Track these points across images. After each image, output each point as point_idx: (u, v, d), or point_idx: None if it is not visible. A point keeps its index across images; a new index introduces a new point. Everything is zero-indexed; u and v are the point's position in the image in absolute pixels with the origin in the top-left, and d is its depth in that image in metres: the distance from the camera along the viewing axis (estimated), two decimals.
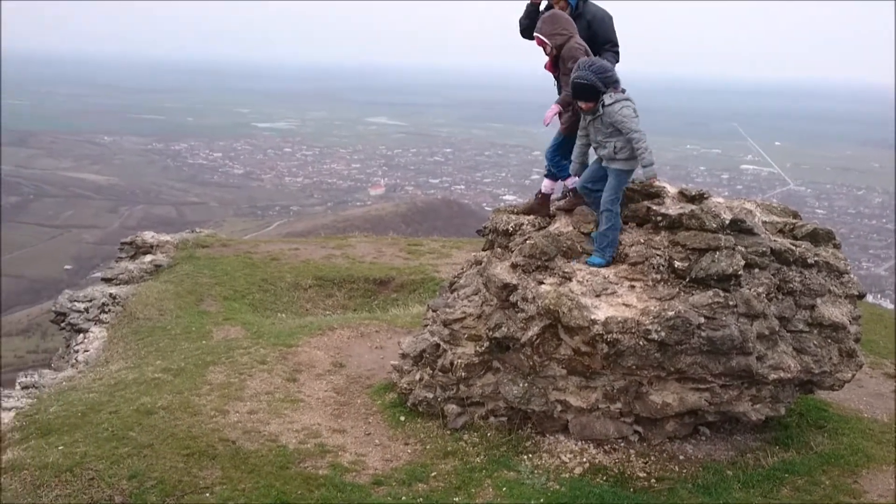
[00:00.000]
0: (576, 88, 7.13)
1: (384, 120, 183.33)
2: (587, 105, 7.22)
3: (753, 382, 7.21)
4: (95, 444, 7.27)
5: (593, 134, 7.39)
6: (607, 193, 7.36)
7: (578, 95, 7.19)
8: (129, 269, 14.41)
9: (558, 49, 7.65)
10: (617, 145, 7.22)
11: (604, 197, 7.36)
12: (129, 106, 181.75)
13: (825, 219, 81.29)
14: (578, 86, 7.10)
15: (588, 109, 7.26)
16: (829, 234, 7.95)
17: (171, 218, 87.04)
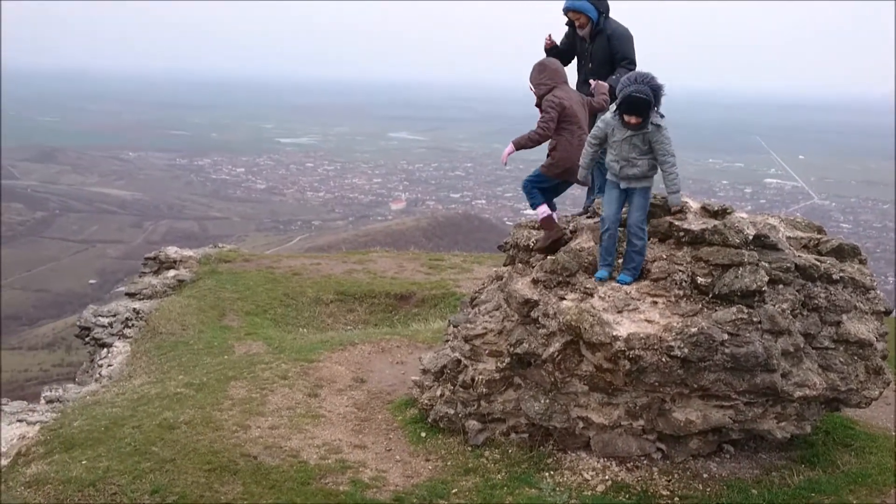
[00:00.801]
0: (632, 102, 6.80)
1: (406, 135, 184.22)
2: (637, 120, 6.93)
3: (778, 400, 7.12)
4: (118, 459, 7.32)
5: (623, 150, 7.08)
6: (639, 213, 7.22)
7: (631, 109, 6.86)
8: (152, 283, 14.54)
9: (539, 98, 7.77)
10: (646, 165, 7.12)
11: (636, 217, 7.21)
12: (155, 121, 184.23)
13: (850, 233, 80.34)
14: (636, 99, 6.78)
15: (636, 125, 6.96)
16: (855, 249, 7.85)
17: (194, 233, 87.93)
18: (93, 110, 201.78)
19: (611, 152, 7.17)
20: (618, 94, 6.90)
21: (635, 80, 6.81)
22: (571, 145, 7.64)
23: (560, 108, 7.59)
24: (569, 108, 7.62)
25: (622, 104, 6.86)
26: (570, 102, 7.66)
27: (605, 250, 7.37)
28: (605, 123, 7.13)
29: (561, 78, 7.79)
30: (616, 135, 7.07)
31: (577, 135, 7.65)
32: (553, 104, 7.58)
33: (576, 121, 7.68)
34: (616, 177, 7.21)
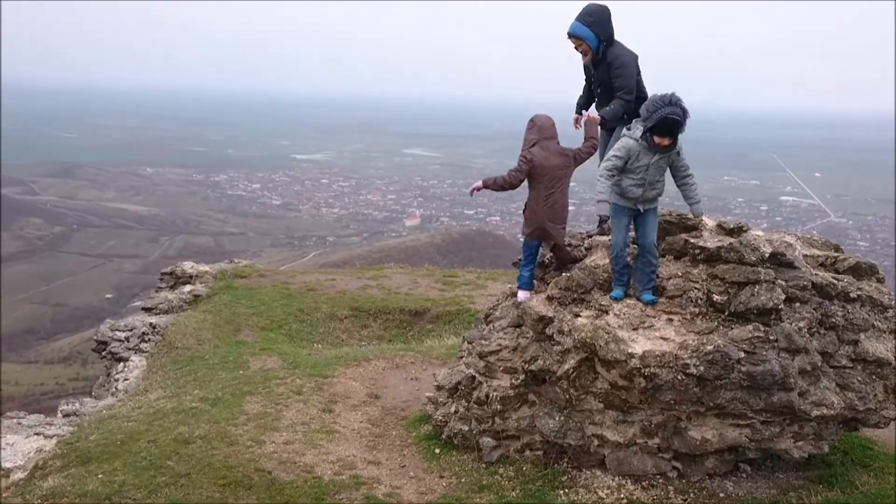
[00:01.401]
0: (667, 124, 6.73)
1: (420, 151, 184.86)
2: (668, 142, 6.89)
3: (795, 419, 7.06)
4: (134, 473, 7.35)
5: (649, 174, 7.02)
6: (654, 232, 7.27)
7: (665, 131, 6.80)
8: (168, 298, 14.63)
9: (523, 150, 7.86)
10: (663, 185, 7.20)
11: (653, 237, 7.23)
12: (172, 138, 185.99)
13: (868, 251, 79.65)
14: (672, 121, 6.72)
15: (667, 146, 6.93)
16: (873, 267, 7.81)
17: (210, 248, 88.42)
18: (112, 127, 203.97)
19: (631, 178, 7.06)
20: (645, 116, 6.85)
21: (669, 101, 6.74)
22: (537, 203, 7.73)
23: (529, 165, 7.66)
24: (539, 166, 7.65)
25: (656, 126, 6.79)
26: (543, 160, 7.66)
27: (619, 273, 7.38)
28: (627, 150, 6.99)
29: (546, 134, 7.78)
30: (642, 159, 6.99)
31: (543, 194, 7.71)
32: (525, 159, 7.69)
33: (544, 180, 7.69)
34: (635, 201, 7.15)
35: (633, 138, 6.99)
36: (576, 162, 7.85)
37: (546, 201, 7.69)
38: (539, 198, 7.72)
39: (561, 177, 7.71)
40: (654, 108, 6.78)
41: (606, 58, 7.97)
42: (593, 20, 7.87)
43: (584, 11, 7.93)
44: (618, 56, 7.95)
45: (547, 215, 7.70)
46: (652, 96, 6.94)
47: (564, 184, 7.75)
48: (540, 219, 7.74)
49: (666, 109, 6.72)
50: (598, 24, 7.87)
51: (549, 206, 7.69)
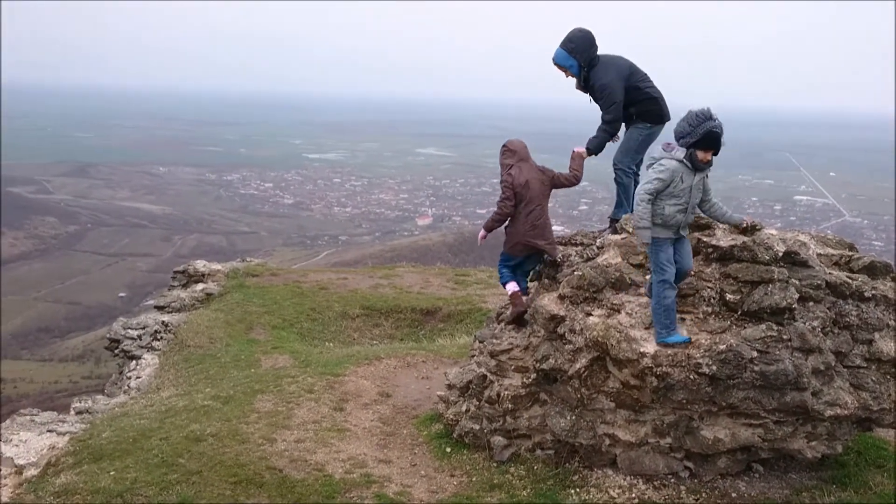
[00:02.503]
0: (713, 137, 6.53)
1: (433, 151, 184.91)
2: (711, 156, 6.67)
3: (809, 419, 7.00)
4: (146, 470, 7.38)
5: (693, 196, 6.74)
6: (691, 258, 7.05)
7: (710, 145, 6.58)
8: (181, 297, 14.69)
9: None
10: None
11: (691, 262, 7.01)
12: (186, 138, 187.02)
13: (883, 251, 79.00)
14: (717, 135, 6.52)
15: (709, 162, 6.69)
16: (888, 266, 7.73)
17: (223, 247, 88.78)
18: (127, 127, 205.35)
19: (675, 202, 6.70)
20: (686, 132, 6.57)
21: (709, 115, 6.56)
22: (518, 222, 7.96)
23: (512, 188, 7.89)
24: (519, 186, 7.88)
25: (702, 141, 6.55)
26: (522, 181, 7.89)
27: (670, 310, 6.85)
28: (671, 172, 6.63)
29: (521, 156, 8.03)
30: (685, 181, 6.67)
31: (523, 212, 7.92)
32: (507, 184, 7.93)
33: (524, 198, 7.91)
34: (677, 228, 6.81)
35: (675, 159, 6.64)
36: (554, 183, 8.07)
37: (527, 218, 7.93)
38: (519, 215, 7.97)
39: (539, 195, 7.94)
40: (696, 123, 6.55)
41: (590, 80, 8.00)
42: (574, 46, 7.95)
43: (566, 38, 8.01)
44: (599, 79, 7.93)
45: (527, 232, 7.95)
46: (687, 113, 6.67)
47: (546, 201, 7.98)
48: (520, 235, 8.01)
49: (709, 123, 6.51)
50: (579, 49, 7.92)
51: (529, 224, 7.93)
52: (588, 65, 7.95)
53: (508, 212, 7.98)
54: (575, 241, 8.46)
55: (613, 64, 7.94)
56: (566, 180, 8.09)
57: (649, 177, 6.73)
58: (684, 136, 6.62)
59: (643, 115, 8.00)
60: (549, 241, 8.05)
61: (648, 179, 6.71)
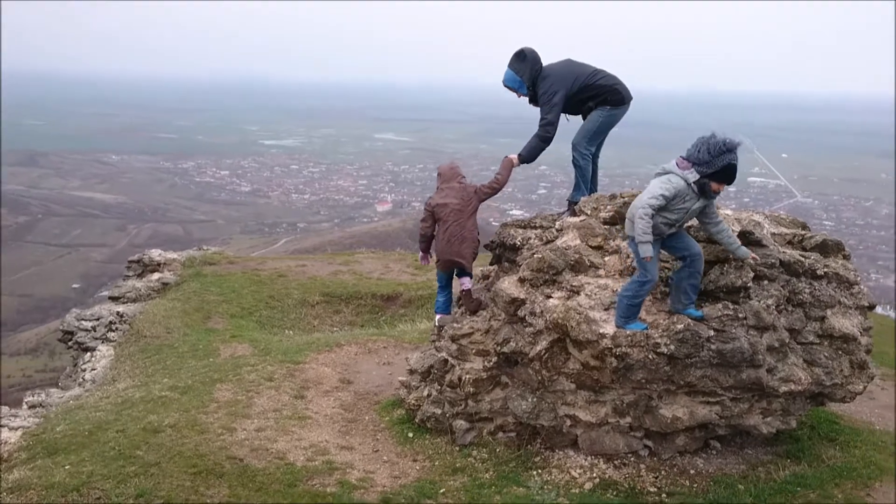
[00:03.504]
0: (731, 171, 6.47)
1: (392, 136, 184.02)
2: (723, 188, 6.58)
3: (764, 395, 7.14)
4: (102, 464, 7.24)
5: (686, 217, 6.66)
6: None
7: (727, 179, 6.52)
8: (136, 287, 14.44)
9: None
10: None
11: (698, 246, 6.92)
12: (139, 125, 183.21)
13: (833, 230, 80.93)
14: (735, 170, 6.47)
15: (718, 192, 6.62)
16: (839, 245, 7.89)
17: (179, 236, 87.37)
18: (77, 114, 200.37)
19: (666, 216, 6.58)
20: (705, 160, 6.43)
21: (730, 148, 6.43)
22: (440, 241, 8.38)
23: (430, 210, 8.41)
24: (436, 207, 8.35)
25: (720, 173, 6.45)
26: (439, 201, 8.34)
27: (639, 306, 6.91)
28: (676, 191, 6.49)
29: (445, 179, 8.50)
30: (687, 202, 6.56)
31: (441, 229, 8.35)
32: (425, 208, 8.50)
33: (440, 218, 8.35)
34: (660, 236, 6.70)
35: (686, 181, 6.50)
36: (478, 196, 8.41)
37: (444, 235, 8.34)
38: (439, 233, 8.42)
39: (456, 214, 8.28)
40: (716, 153, 6.40)
41: (537, 93, 8.10)
42: (519, 66, 8.08)
43: (511, 59, 8.14)
44: (542, 88, 8.03)
45: (443, 247, 8.35)
46: (708, 140, 6.49)
47: (463, 217, 8.29)
48: (439, 251, 8.44)
49: (729, 157, 6.40)
50: (524, 69, 8.06)
51: (445, 240, 8.33)
52: (534, 81, 8.08)
53: (426, 232, 8.51)
54: (534, 225, 8.48)
55: (556, 73, 8.05)
56: (490, 189, 8.42)
57: (653, 191, 6.52)
58: (701, 164, 6.46)
59: (603, 102, 8.05)
60: (462, 255, 8.34)
61: (652, 194, 6.49)
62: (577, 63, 8.19)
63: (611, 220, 7.80)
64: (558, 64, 8.17)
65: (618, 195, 8.04)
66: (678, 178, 6.52)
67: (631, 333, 6.76)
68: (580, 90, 7.97)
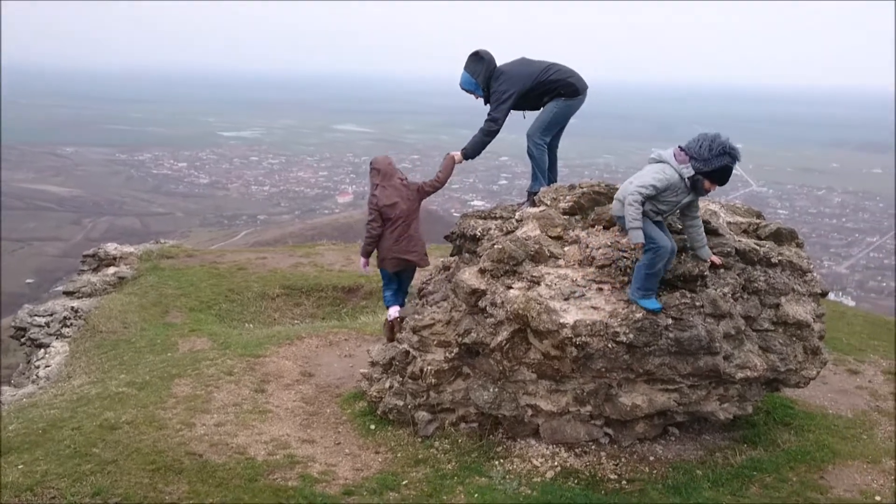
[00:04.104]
0: (726, 173, 6.54)
1: (352, 127, 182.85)
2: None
3: (721, 382, 7.26)
4: (57, 462, 7.09)
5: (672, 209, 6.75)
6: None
7: (722, 179, 6.59)
8: (91, 281, 14.15)
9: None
10: None
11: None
12: (92, 116, 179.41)
13: (787, 219, 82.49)
14: (730, 172, 6.55)
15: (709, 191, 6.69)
16: (792, 233, 8.04)
17: (136, 229, 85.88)
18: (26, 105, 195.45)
19: (654, 206, 6.64)
20: (704, 157, 6.47)
21: (728, 150, 6.47)
22: (385, 239, 8.49)
23: (377, 209, 8.43)
24: (383, 207, 8.40)
25: (716, 174, 6.50)
26: (386, 200, 8.40)
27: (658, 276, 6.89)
28: (668, 183, 6.53)
29: (385, 174, 8.54)
30: (678, 196, 6.64)
31: (388, 228, 8.47)
32: (372, 206, 8.46)
33: (389, 217, 8.44)
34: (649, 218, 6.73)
35: (680, 175, 6.55)
36: (420, 194, 8.59)
37: (391, 235, 8.46)
38: (385, 232, 8.51)
39: (405, 211, 8.44)
40: (715, 153, 6.44)
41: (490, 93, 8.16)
42: (474, 69, 8.11)
43: (467, 61, 8.18)
44: (495, 88, 8.07)
45: (392, 246, 8.47)
46: (715, 139, 6.52)
47: (409, 217, 8.47)
48: (386, 250, 8.53)
49: (727, 159, 6.45)
50: (479, 71, 8.09)
51: (392, 240, 8.45)
52: (488, 82, 8.12)
53: (377, 233, 8.52)
54: (494, 215, 8.49)
55: (509, 73, 8.07)
56: (431, 187, 8.55)
57: (645, 179, 6.54)
58: (698, 161, 6.49)
59: (557, 95, 8.10)
60: (417, 253, 8.47)
61: (644, 183, 6.51)
62: (531, 61, 8.22)
63: (570, 211, 7.85)
64: (512, 63, 8.20)
65: (577, 185, 8.08)
66: (672, 171, 6.57)
67: (591, 322, 6.81)
68: (534, 87, 8.02)
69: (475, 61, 8.11)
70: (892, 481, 7.01)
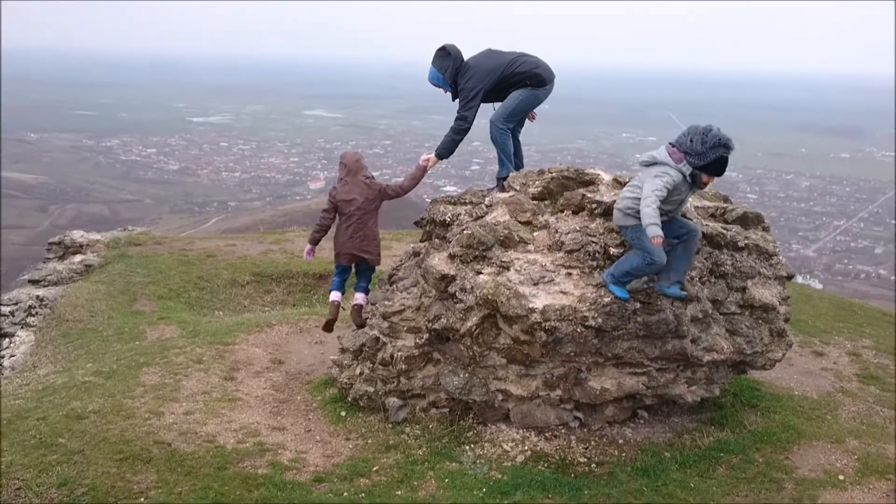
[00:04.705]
0: (723, 164, 6.53)
1: (322, 112, 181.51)
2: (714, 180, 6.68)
3: (688, 365, 7.34)
4: (22, 453, 6.99)
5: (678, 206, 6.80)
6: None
7: (718, 171, 6.57)
8: (57, 269, 13.93)
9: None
10: None
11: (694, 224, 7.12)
12: (58, 102, 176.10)
13: (756, 203, 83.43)
14: (726, 163, 6.54)
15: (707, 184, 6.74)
16: (759, 217, 8.12)
17: (105, 216, 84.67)
18: None
19: (662, 207, 6.55)
20: (699, 151, 6.45)
21: (722, 142, 6.45)
22: (339, 233, 8.56)
23: (333, 202, 8.51)
24: (340, 202, 8.47)
25: (713, 165, 6.49)
26: (344, 195, 8.45)
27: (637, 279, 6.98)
28: (674, 184, 6.54)
29: (350, 170, 8.57)
30: (681, 193, 6.68)
31: (343, 224, 8.53)
32: (329, 199, 8.58)
33: (345, 212, 8.48)
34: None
35: (682, 174, 6.54)
36: (381, 195, 8.56)
37: (345, 231, 8.49)
38: (340, 227, 8.58)
39: (361, 208, 8.43)
40: (709, 146, 6.43)
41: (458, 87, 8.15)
42: (441, 63, 8.11)
43: (434, 56, 8.18)
44: (462, 84, 8.06)
45: (346, 241, 8.50)
46: (702, 131, 6.51)
47: (367, 215, 8.48)
48: (340, 245, 8.56)
49: (721, 150, 6.44)
50: (446, 65, 8.09)
51: (347, 235, 8.48)
52: (454, 78, 8.10)
53: (326, 223, 8.59)
54: (464, 201, 8.48)
55: (476, 67, 8.05)
56: (393, 192, 8.62)
57: (655, 184, 6.49)
58: (693, 155, 6.47)
59: (523, 86, 8.10)
60: (370, 252, 8.55)
61: (656, 186, 6.47)
62: (498, 53, 8.20)
63: (539, 196, 7.86)
64: (478, 56, 8.18)
65: (546, 171, 8.09)
66: (675, 172, 6.54)
67: (560, 307, 6.83)
68: (501, 80, 8.02)
69: (442, 57, 8.10)
70: (855, 461, 7.14)
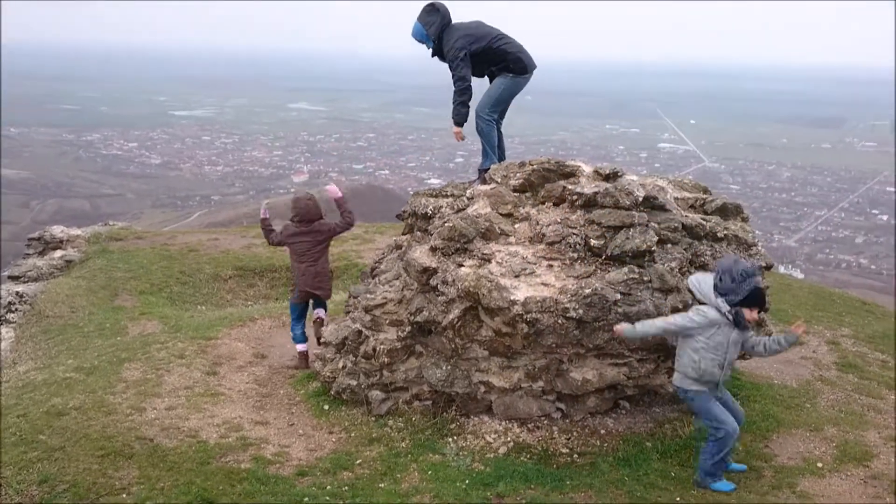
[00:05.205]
0: (759, 295, 6.12)
1: (306, 105, 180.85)
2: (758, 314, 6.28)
3: (669, 355, 7.38)
4: (2, 450, 6.94)
5: (731, 353, 6.29)
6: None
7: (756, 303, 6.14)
8: (37, 265, 13.84)
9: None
10: None
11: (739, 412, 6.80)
12: (38, 96, 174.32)
13: (738, 194, 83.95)
14: (762, 294, 6.16)
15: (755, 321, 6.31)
16: (738, 207, 8.18)
17: (86, 211, 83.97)
18: None
19: (712, 356, 6.24)
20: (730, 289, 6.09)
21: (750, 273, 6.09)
22: (298, 274, 9.23)
23: (281, 237, 9.29)
24: (287, 239, 9.24)
25: (747, 300, 6.07)
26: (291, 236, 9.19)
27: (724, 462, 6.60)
28: (710, 322, 6.18)
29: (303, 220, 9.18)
30: (724, 334, 6.21)
31: (295, 263, 9.26)
32: (281, 233, 9.32)
33: (295, 252, 9.21)
34: (714, 384, 6.40)
35: (718, 309, 6.16)
36: (331, 234, 9.32)
37: (298, 269, 9.18)
38: (295, 266, 9.29)
39: (310, 251, 9.14)
40: (740, 279, 6.04)
41: (442, 47, 8.12)
42: (428, 19, 8.10)
43: (421, 12, 8.16)
44: (447, 44, 8.03)
45: (302, 281, 9.16)
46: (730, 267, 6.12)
47: (317, 253, 9.18)
48: (300, 284, 9.21)
49: (752, 281, 6.06)
50: (431, 22, 8.08)
51: (301, 273, 9.14)
52: (439, 35, 8.08)
53: (270, 244, 9.59)
54: (446, 193, 8.48)
55: (462, 29, 8.06)
56: (341, 229, 9.38)
57: (688, 315, 6.33)
58: (728, 294, 6.10)
59: (505, 69, 8.10)
60: (321, 287, 9.23)
61: (686, 317, 6.34)
62: (486, 25, 8.21)
63: (520, 188, 7.87)
64: (467, 23, 8.18)
65: (527, 163, 8.10)
66: (712, 311, 6.21)
67: (541, 299, 6.86)
68: (484, 51, 8.00)
69: (429, 13, 8.06)
70: (833, 448, 7.23)
